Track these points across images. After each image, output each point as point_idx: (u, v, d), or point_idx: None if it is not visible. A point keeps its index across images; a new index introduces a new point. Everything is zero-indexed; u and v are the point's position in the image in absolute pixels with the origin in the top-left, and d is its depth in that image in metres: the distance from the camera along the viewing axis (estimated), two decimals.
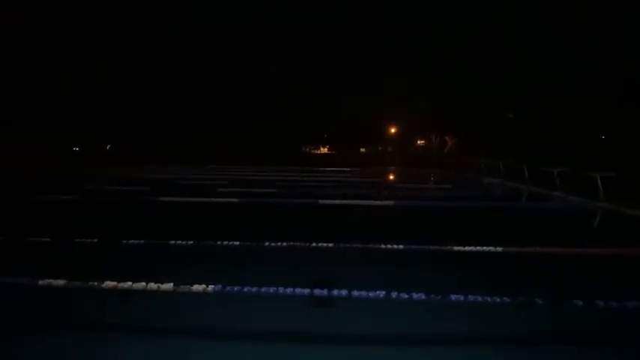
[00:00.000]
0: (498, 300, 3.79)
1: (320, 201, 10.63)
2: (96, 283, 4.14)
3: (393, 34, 38.64)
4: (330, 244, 5.82)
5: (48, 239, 6.07)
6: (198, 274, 4.36)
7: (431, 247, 5.86)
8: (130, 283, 4.13)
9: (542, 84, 27.68)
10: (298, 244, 5.86)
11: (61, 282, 4.17)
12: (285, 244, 5.86)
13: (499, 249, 5.71)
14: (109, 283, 4.13)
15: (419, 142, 49.02)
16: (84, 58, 35.32)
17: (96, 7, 36.18)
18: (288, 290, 4.00)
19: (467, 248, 5.72)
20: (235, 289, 4.03)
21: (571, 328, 3.61)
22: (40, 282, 4.18)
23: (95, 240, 6.05)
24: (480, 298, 3.82)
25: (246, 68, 41.18)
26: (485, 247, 5.72)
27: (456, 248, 5.74)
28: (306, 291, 4.00)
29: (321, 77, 42.75)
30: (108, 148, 39.66)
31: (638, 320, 3.69)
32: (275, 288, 4.03)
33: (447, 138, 38.84)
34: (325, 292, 4.00)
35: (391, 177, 22.65)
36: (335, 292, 4.00)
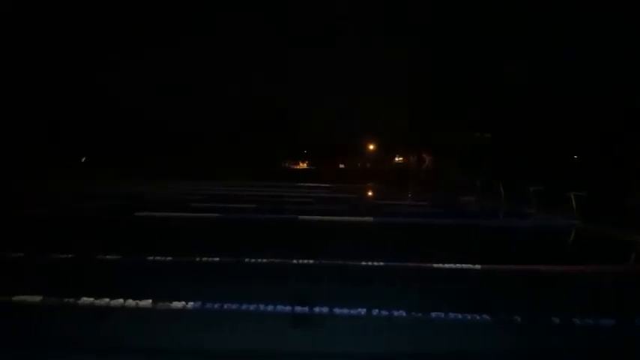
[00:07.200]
0: (478, 317, 3.86)
1: (300, 217, 10.64)
2: (72, 300, 4.05)
3: (374, 51, 39.25)
4: (311, 261, 5.83)
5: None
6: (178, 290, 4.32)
7: (410, 264, 5.93)
8: (107, 300, 4.06)
9: (514, 104, 28.42)
10: (279, 260, 5.85)
11: (36, 298, 4.07)
12: (265, 260, 5.84)
13: (477, 267, 5.81)
14: (85, 300, 4.04)
15: (397, 159, 49.52)
16: (63, 66, 34.59)
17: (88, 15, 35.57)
18: (269, 307, 3.99)
19: (445, 265, 5.81)
20: (215, 305, 4.00)
21: (548, 345, 3.68)
22: (15, 298, 4.08)
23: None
24: (459, 316, 3.88)
25: (224, 86, 41.10)
26: (460, 265, 5.82)
27: (435, 265, 5.82)
28: (288, 308, 4.00)
29: (299, 93, 42.91)
30: (83, 160, 38.69)
31: (614, 337, 3.80)
32: (256, 305, 4.02)
33: (424, 155, 39.32)
34: (306, 309, 4.00)
35: (370, 194, 22.78)
36: (316, 309, 4.00)
